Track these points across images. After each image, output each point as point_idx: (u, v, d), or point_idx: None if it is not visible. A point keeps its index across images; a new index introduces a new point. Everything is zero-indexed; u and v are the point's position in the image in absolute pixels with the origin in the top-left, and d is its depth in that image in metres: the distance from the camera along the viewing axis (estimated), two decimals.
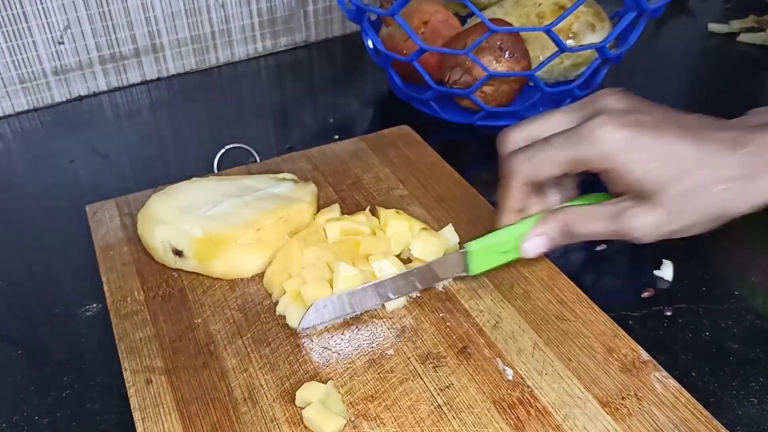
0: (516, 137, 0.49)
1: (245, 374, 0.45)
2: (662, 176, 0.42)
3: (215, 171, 0.66)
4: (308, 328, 0.47)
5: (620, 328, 0.47)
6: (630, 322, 0.50)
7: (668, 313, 0.51)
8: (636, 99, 0.47)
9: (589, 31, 0.73)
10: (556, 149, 0.45)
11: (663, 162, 0.42)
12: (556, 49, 0.67)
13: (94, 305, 0.53)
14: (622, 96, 0.47)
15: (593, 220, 0.46)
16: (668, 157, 0.42)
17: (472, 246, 0.49)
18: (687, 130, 0.43)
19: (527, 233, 0.47)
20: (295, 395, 0.43)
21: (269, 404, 0.43)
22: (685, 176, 0.42)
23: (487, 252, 0.49)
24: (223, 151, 0.67)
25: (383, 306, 0.49)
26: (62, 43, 0.79)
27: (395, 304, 0.50)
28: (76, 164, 0.71)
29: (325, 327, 0.48)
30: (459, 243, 0.54)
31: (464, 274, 0.50)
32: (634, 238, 0.44)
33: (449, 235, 0.55)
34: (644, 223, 0.44)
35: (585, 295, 0.50)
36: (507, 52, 0.68)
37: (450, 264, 0.49)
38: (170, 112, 0.81)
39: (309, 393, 0.43)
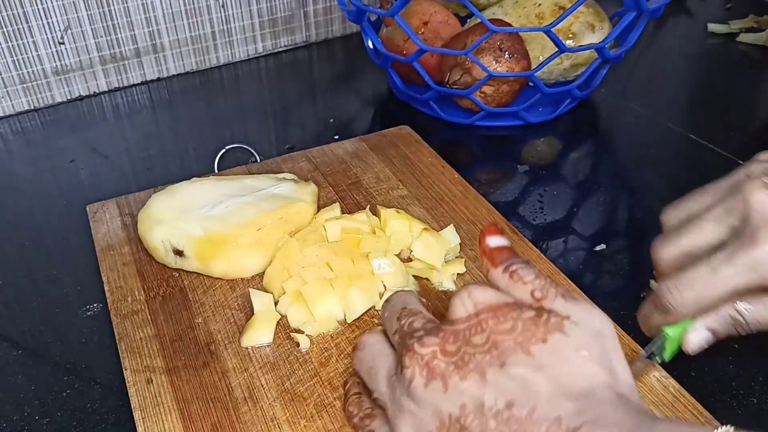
0: (670, 255, 0.42)
1: (245, 374, 0.45)
2: None
3: (216, 171, 0.66)
4: None
5: (620, 328, 0.47)
6: (630, 322, 0.50)
7: None
8: None
9: (588, 32, 0.73)
10: (724, 279, 0.39)
11: None
12: (556, 49, 0.67)
13: (95, 305, 0.53)
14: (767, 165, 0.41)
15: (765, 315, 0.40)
16: None
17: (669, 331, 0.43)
18: None
19: (692, 327, 0.41)
20: (294, 394, 0.43)
21: (269, 404, 0.43)
22: None
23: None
24: (223, 151, 0.67)
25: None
26: (63, 43, 0.79)
27: None
28: (76, 164, 0.71)
29: (332, 332, 0.48)
30: (460, 244, 0.54)
31: (659, 359, 0.44)
32: None
33: (450, 235, 0.55)
34: None
35: (585, 295, 0.50)
36: (507, 53, 0.68)
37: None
38: (171, 113, 0.81)
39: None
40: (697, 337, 0.41)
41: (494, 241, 0.38)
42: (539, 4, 0.74)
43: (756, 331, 0.40)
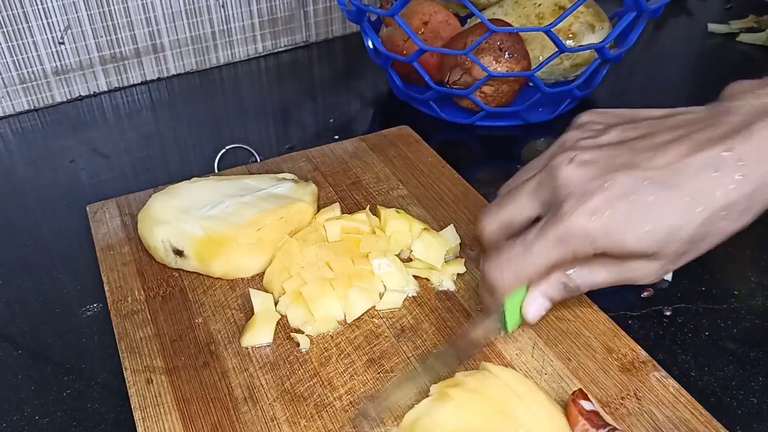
0: (491, 229, 0.45)
1: (245, 374, 0.45)
2: (656, 239, 0.39)
3: (216, 171, 0.66)
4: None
5: (620, 328, 0.47)
6: (629, 322, 0.50)
7: (668, 313, 0.51)
8: (595, 128, 0.44)
9: (588, 32, 0.73)
10: (538, 257, 0.41)
11: (652, 225, 0.39)
12: (556, 49, 0.67)
13: (95, 305, 0.53)
14: (580, 133, 0.44)
15: (594, 272, 0.42)
16: (657, 219, 0.38)
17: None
18: (662, 171, 0.39)
19: (527, 298, 0.43)
20: (294, 394, 0.44)
21: (269, 404, 0.43)
22: (682, 229, 0.39)
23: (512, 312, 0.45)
24: (223, 151, 0.67)
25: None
26: (63, 43, 0.79)
27: (391, 302, 0.50)
28: (76, 164, 0.71)
29: (332, 332, 0.48)
30: (460, 245, 0.54)
31: (502, 333, 0.45)
32: (639, 282, 0.42)
33: (450, 235, 0.55)
34: (649, 272, 0.41)
35: (584, 295, 0.50)
36: (507, 53, 0.68)
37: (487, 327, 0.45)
38: (171, 113, 0.81)
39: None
40: (534, 305, 0.43)
41: (588, 405, 0.40)
42: (539, 4, 0.74)
43: (588, 290, 0.43)
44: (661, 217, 0.38)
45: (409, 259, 0.54)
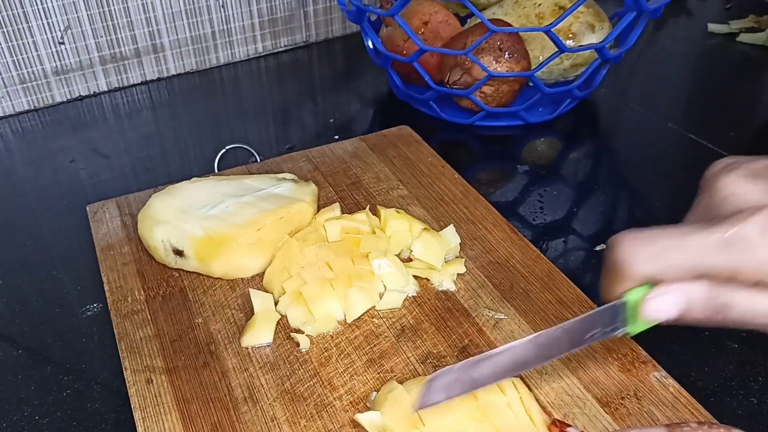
0: (637, 257, 0.35)
1: (245, 374, 0.45)
2: None
3: (216, 171, 0.66)
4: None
5: None
6: None
7: None
8: (740, 160, 0.38)
9: (588, 32, 0.73)
10: (693, 250, 0.34)
11: None
12: (556, 49, 0.67)
13: (95, 305, 0.53)
14: (726, 161, 0.38)
15: (756, 297, 0.34)
16: None
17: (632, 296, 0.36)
18: None
19: (657, 287, 0.35)
20: (294, 394, 0.44)
21: (269, 404, 0.43)
22: None
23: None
24: (223, 151, 0.67)
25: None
26: (63, 43, 0.79)
27: (391, 302, 0.50)
28: (76, 164, 0.71)
29: (332, 332, 0.48)
30: (460, 245, 0.54)
31: (622, 331, 0.37)
32: None
33: (450, 235, 0.55)
34: None
35: (585, 295, 0.50)
36: (507, 53, 0.68)
37: (605, 317, 0.37)
38: (171, 113, 0.81)
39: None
40: (663, 299, 0.34)
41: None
42: (539, 4, 0.74)
43: (740, 319, 0.34)
44: None
45: (409, 259, 0.54)
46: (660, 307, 0.34)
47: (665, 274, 0.34)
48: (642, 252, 0.34)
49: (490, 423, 0.40)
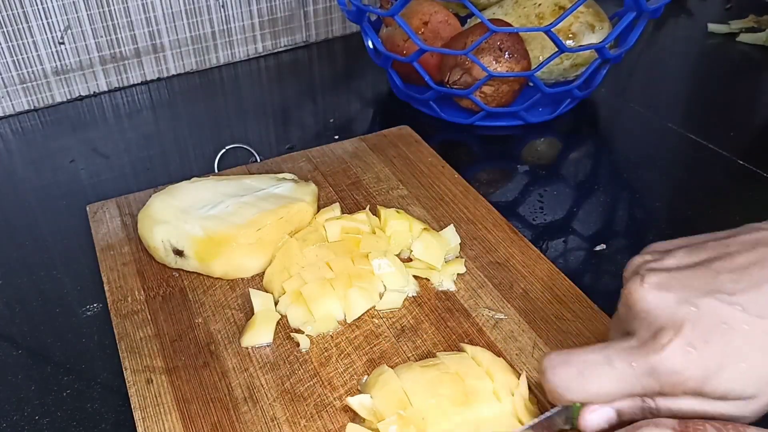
0: (560, 378, 0.38)
1: (245, 374, 0.45)
2: (754, 379, 0.34)
3: (216, 171, 0.66)
4: None
5: None
6: None
7: None
8: (657, 252, 0.39)
9: (588, 32, 0.73)
10: (618, 381, 0.36)
11: (748, 364, 0.34)
12: (556, 49, 0.67)
13: (95, 305, 0.53)
14: (642, 258, 0.39)
15: (682, 402, 0.35)
16: (754, 355, 0.34)
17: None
18: (751, 296, 0.35)
19: (588, 406, 0.37)
20: (294, 394, 0.44)
21: (269, 404, 0.43)
22: None
23: None
24: (223, 151, 0.67)
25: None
26: (63, 43, 0.79)
27: (391, 302, 0.50)
28: (76, 164, 0.71)
29: (332, 332, 0.48)
30: (460, 245, 0.54)
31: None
32: (739, 420, 0.36)
33: (450, 235, 0.55)
34: (746, 412, 0.35)
35: (584, 295, 0.50)
36: (507, 53, 0.68)
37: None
38: (171, 112, 0.81)
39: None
40: (596, 414, 0.37)
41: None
42: (539, 4, 0.74)
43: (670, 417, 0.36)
44: (758, 351, 0.34)
45: (409, 259, 0.54)
46: (593, 423, 0.37)
47: (595, 400, 0.37)
48: (571, 384, 0.37)
49: (472, 408, 0.40)
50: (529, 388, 0.43)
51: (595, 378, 0.36)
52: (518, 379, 0.42)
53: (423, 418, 0.40)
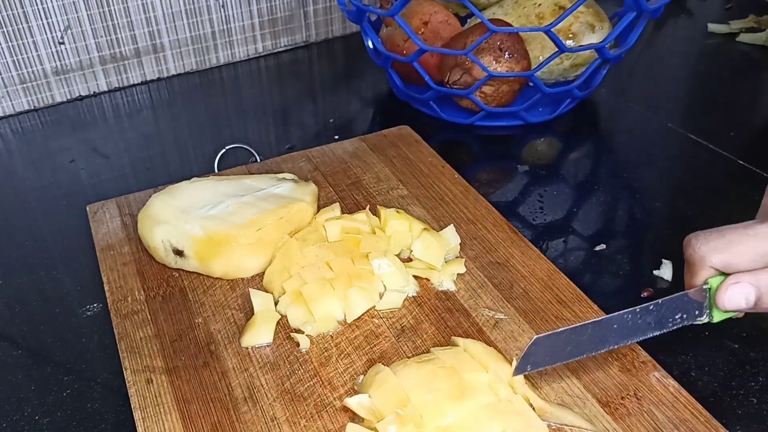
0: (705, 248, 0.39)
1: (245, 374, 0.45)
2: None
3: (216, 171, 0.66)
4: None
5: None
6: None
7: None
8: None
9: (588, 32, 0.73)
10: (763, 241, 0.37)
11: None
12: (556, 49, 0.67)
13: (95, 305, 0.53)
14: None
15: None
16: None
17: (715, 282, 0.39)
18: None
19: (728, 278, 0.38)
20: (294, 394, 0.44)
21: (269, 404, 0.43)
22: None
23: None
24: (223, 151, 0.67)
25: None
26: (63, 43, 0.79)
27: (391, 302, 0.50)
28: (76, 164, 0.71)
29: (332, 332, 0.48)
30: (460, 245, 0.54)
31: (705, 319, 0.40)
32: None
33: (450, 235, 0.55)
34: None
35: (584, 295, 0.50)
36: (507, 53, 0.68)
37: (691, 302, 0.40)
38: (171, 113, 0.81)
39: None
40: (735, 289, 0.37)
41: None
42: (539, 4, 0.74)
43: None
44: None
45: (409, 259, 0.54)
46: (732, 297, 0.37)
47: (736, 263, 0.37)
48: (713, 244, 0.37)
49: (468, 401, 0.40)
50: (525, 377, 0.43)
51: (741, 243, 0.37)
52: (511, 365, 0.43)
53: (421, 416, 0.40)
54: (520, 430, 0.39)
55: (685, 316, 0.39)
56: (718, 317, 0.39)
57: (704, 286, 0.38)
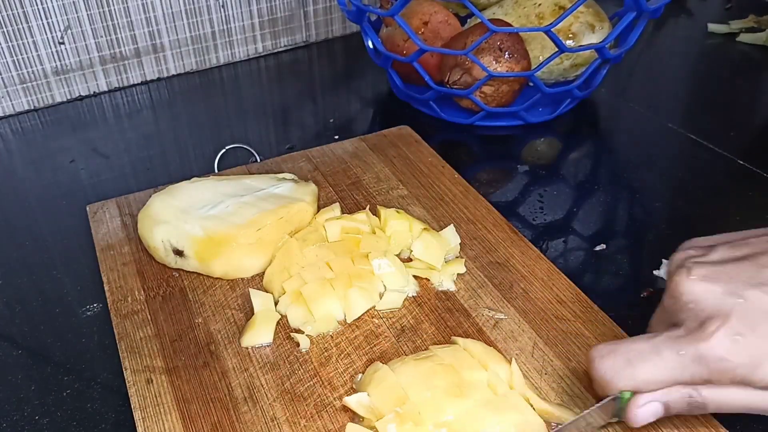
0: (606, 367, 0.39)
1: (245, 374, 0.45)
2: None
3: (216, 171, 0.66)
4: None
5: (619, 328, 0.47)
6: (629, 322, 0.50)
7: None
8: (700, 248, 0.40)
9: (588, 32, 0.73)
10: (665, 369, 0.37)
11: None
12: (556, 49, 0.67)
13: (95, 305, 0.53)
14: (685, 254, 0.40)
15: (729, 394, 0.37)
16: None
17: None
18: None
19: (637, 398, 0.38)
20: (294, 394, 0.44)
21: (269, 404, 0.43)
22: None
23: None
24: (223, 151, 0.67)
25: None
26: (63, 43, 0.79)
27: (391, 302, 0.50)
28: (76, 164, 0.71)
29: (332, 332, 0.48)
30: (460, 245, 0.54)
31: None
32: None
33: (450, 235, 0.55)
34: None
35: (584, 295, 0.50)
36: (507, 53, 0.68)
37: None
38: (171, 113, 0.81)
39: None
40: (644, 409, 0.38)
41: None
42: (539, 4, 0.74)
43: (717, 412, 0.38)
44: None
45: (409, 259, 0.54)
46: (641, 416, 0.38)
47: (643, 388, 0.38)
48: (619, 372, 0.38)
49: (467, 398, 0.41)
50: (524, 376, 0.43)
51: (643, 366, 0.37)
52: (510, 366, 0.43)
53: (419, 413, 0.40)
54: (518, 426, 0.40)
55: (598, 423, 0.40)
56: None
57: (614, 397, 0.39)
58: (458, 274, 0.52)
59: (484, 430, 0.39)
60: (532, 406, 0.41)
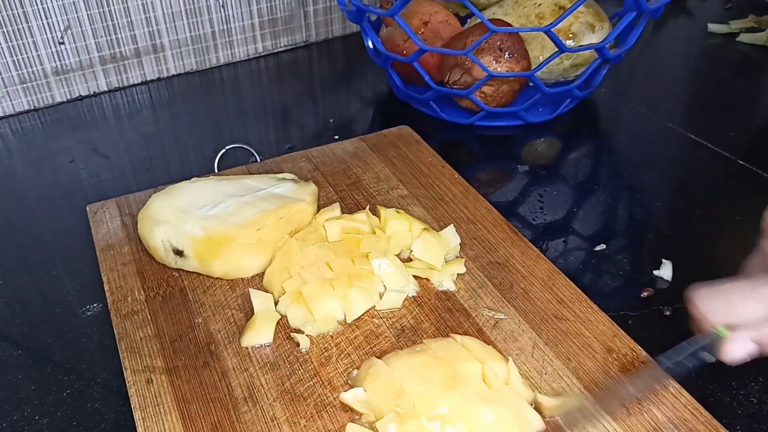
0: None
1: (245, 374, 0.45)
2: None
3: (216, 171, 0.66)
4: None
5: (619, 328, 0.47)
6: (629, 322, 0.50)
7: (667, 313, 0.51)
8: None
9: (588, 32, 0.73)
10: (764, 303, 0.39)
11: None
12: (556, 49, 0.67)
13: (95, 305, 0.53)
14: None
15: None
16: None
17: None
18: None
19: (731, 335, 0.39)
20: (294, 394, 0.44)
21: (269, 404, 0.43)
22: None
23: None
24: (223, 151, 0.67)
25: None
26: (63, 43, 0.79)
27: (391, 302, 0.50)
28: (76, 164, 0.71)
29: (332, 332, 0.48)
30: (460, 245, 0.54)
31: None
32: None
33: (450, 235, 0.55)
34: None
35: (584, 295, 0.50)
36: (507, 53, 0.68)
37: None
38: (171, 112, 0.81)
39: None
40: (737, 345, 0.39)
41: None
42: (539, 4, 0.74)
43: None
44: None
45: (409, 259, 0.54)
46: (734, 352, 0.39)
47: (739, 323, 0.39)
48: (716, 306, 0.39)
49: (461, 390, 0.41)
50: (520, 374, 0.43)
51: (742, 303, 0.39)
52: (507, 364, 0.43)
53: (414, 405, 0.40)
54: (512, 417, 0.40)
55: (691, 357, 0.42)
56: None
57: (711, 333, 0.40)
58: (458, 274, 0.52)
59: (478, 422, 0.39)
60: (532, 404, 0.41)
